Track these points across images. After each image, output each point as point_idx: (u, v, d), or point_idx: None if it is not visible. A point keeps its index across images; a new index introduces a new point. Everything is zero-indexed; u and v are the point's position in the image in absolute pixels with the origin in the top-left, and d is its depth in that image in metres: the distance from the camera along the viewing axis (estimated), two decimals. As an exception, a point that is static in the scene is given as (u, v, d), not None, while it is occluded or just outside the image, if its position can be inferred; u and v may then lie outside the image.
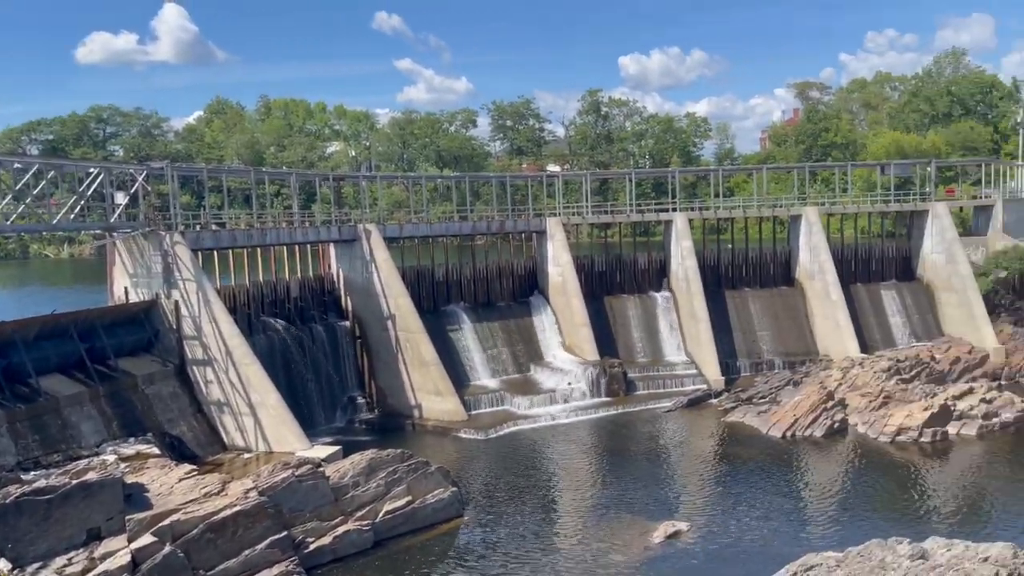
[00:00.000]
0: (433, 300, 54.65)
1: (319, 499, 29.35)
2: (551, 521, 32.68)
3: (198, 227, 45.59)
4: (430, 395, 46.66)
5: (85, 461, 28.29)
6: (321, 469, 30.35)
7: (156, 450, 32.84)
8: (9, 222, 35.60)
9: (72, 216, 36.87)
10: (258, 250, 48.51)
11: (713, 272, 60.60)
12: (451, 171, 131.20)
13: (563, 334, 55.57)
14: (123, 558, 24.51)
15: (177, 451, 35.37)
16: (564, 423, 46.15)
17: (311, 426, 41.82)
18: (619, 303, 58.86)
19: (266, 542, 26.86)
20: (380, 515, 30.38)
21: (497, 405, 48.13)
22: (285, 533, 27.55)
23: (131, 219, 39.45)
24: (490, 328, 54.79)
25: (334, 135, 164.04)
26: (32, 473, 28.15)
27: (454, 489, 32.89)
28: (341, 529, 29.17)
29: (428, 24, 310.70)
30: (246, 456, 37.32)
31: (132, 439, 33.67)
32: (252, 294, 45.54)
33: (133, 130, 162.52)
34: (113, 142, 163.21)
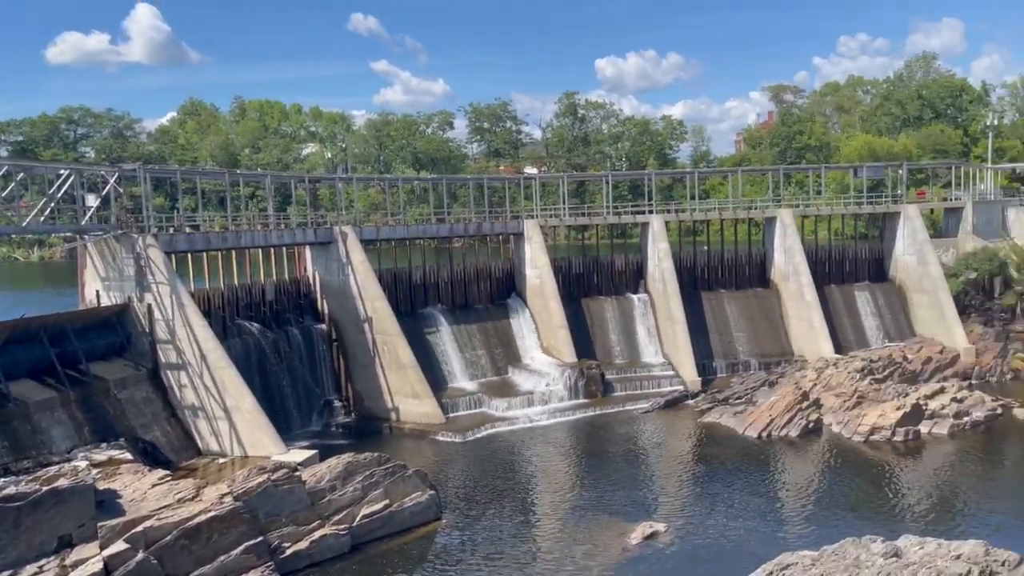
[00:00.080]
0: (410, 303, 54.46)
1: (295, 503, 29.14)
2: (529, 523, 32.69)
3: (171, 229, 45.06)
4: (407, 398, 46.51)
5: (56, 467, 27.78)
6: (297, 473, 30.13)
7: (129, 455, 32.36)
8: (-23, 225, 35.04)
9: (42, 219, 36.27)
10: (233, 253, 48.03)
11: (689, 274, 61.02)
12: (428, 173, 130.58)
13: (541, 336, 55.62)
14: (95, 565, 24.20)
15: (150, 456, 34.90)
16: (542, 425, 46.22)
17: (287, 430, 41.50)
18: (596, 305, 59.03)
19: (241, 548, 26.64)
20: (357, 519, 30.23)
21: (475, 407, 48.07)
22: (261, 538, 27.32)
23: (103, 222, 38.89)
24: (468, 330, 54.71)
25: (310, 137, 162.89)
26: (1, 480, 27.58)
27: (432, 492, 32.81)
28: (318, 534, 28.99)
29: (404, 26, 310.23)
30: (221, 461, 36.91)
31: (104, 444, 33.16)
32: (227, 297, 45.12)
33: (105, 131, 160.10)
34: (84, 143, 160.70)
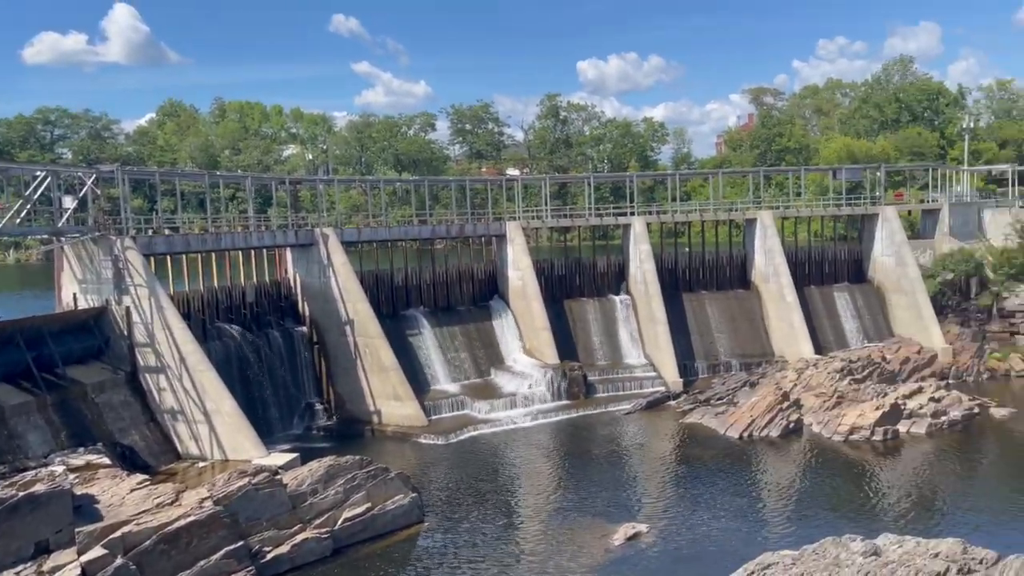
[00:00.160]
0: (392, 305, 54.24)
1: (276, 507, 28.93)
2: (512, 525, 32.66)
3: (150, 232, 44.68)
4: (389, 401, 46.32)
5: (32, 472, 27.47)
6: (278, 477, 29.94)
7: (107, 460, 31.98)
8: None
9: (18, 221, 35.83)
10: (212, 255, 47.63)
11: (671, 275, 61.25)
12: (410, 175, 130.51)
13: (523, 338, 55.62)
14: (73, 571, 23.91)
15: (129, 461, 34.55)
16: (525, 427, 46.20)
17: (268, 433, 41.23)
18: (579, 306, 59.13)
19: (221, 552, 26.43)
20: (339, 522, 30.05)
21: (457, 410, 47.95)
22: (241, 543, 27.12)
23: (80, 224, 38.45)
24: (450, 332, 54.60)
25: (290, 138, 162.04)
26: (-24, 486, 27.24)
27: (414, 495, 32.69)
28: (299, 537, 28.80)
29: (386, 27, 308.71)
30: (201, 465, 36.65)
31: (81, 449, 32.77)
32: (207, 300, 44.76)
33: (82, 132, 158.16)
34: (61, 145, 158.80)
